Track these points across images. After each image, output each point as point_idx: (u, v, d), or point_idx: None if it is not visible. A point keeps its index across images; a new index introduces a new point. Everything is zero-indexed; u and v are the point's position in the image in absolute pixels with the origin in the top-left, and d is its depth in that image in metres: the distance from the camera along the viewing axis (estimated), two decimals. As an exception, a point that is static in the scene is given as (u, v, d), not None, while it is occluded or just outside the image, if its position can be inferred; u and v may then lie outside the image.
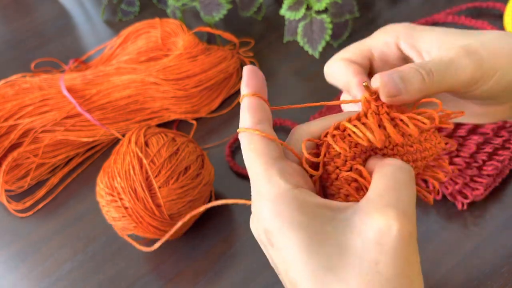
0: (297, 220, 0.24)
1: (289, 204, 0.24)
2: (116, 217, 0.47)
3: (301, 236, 0.23)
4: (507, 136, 0.52)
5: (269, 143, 0.27)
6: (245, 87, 0.29)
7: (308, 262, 0.23)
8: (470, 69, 0.29)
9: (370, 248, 0.23)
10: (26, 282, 0.52)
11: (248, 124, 0.27)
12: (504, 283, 0.45)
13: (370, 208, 0.24)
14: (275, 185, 0.25)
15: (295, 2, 0.65)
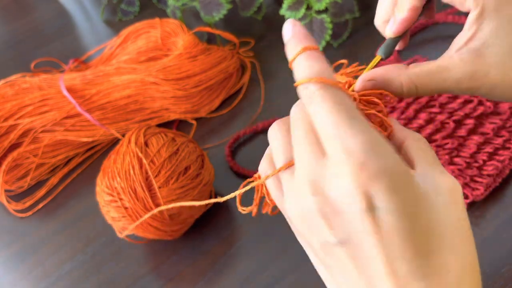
0: (408, 189, 0.22)
1: (406, 181, 0.22)
2: (116, 217, 0.47)
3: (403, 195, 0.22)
4: (508, 136, 0.52)
5: (352, 102, 0.24)
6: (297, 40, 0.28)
7: (414, 236, 0.22)
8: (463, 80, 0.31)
9: (451, 207, 0.24)
10: (26, 282, 0.52)
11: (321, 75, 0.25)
12: (504, 283, 0.45)
13: (436, 173, 0.25)
14: (389, 159, 0.22)
15: (295, 2, 0.65)
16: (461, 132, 0.53)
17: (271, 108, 0.63)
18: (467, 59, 0.31)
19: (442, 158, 0.51)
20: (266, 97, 0.65)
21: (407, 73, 0.31)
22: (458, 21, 0.67)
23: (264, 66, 0.68)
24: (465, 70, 0.30)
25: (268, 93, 0.65)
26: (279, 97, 0.65)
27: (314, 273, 0.27)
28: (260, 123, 0.61)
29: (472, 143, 0.52)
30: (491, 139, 0.52)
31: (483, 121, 0.54)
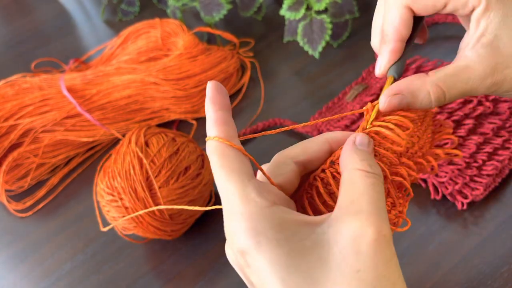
0: (275, 237, 0.23)
1: (267, 221, 0.23)
2: (116, 217, 0.47)
3: (280, 253, 0.23)
4: (507, 136, 0.52)
5: (243, 158, 0.26)
6: (212, 103, 0.30)
7: (289, 279, 0.22)
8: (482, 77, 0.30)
9: (350, 257, 0.23)
10: (26, 282, 0.52)
11: (217, 134, 0.27)
12: (504, 283, 0.45)
13: (343, 216, 0.24)
14: (251, 203, 0.24)
15: (295, 2, 0.65)
16: (461, 132, 0.53)
17: (271, 108, 0.63)
18: (484, 54, 0.30)
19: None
20: (266, 97, 0.65)
21: (431, 80, 0.30)
22: (458, 21, 0.67)
23: (264, 66, 0.68)
24: (486, 65, 0.30)
25: (268, 93, 0.65)
26: (279, 97, 0.65)
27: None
28: (260, 123, 0.61)
29: (472, 143, 0.52)
30: (491, 139, 0.52)
31: (483, 121, 0.54)
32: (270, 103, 0.64)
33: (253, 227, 0.23)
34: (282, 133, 0.61)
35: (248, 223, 0.23)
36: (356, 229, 0.23)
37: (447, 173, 0.50)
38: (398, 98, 0.29)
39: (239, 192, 0.24)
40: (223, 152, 0.26)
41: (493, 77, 0.30)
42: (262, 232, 0.23)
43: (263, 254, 0.23)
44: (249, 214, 0.24)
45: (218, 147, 0.26)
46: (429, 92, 0.29)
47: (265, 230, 0.23)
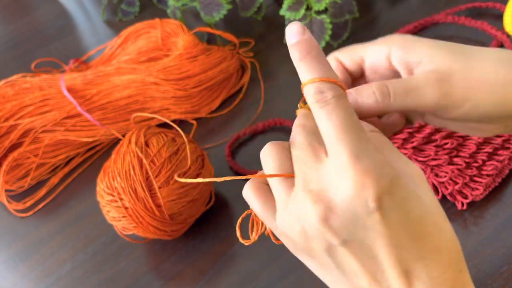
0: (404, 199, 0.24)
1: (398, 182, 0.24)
2: (116, 217, 0.47)
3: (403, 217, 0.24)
4: (507, 136, 0.52)
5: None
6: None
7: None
8: (435, 97, 0.30)
9: (427, 193, 0.26)
10: (26, 282, 0.52)
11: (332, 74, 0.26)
12: (504, 283, 0.45)
13: (405, 166, 0.26)
14: (387, 165, 0.24)
15: (295, 2, 0.65)
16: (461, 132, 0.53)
17: (271, 108, 0.64)
18: (421, 70, 0.31)
19: (442, 158, 0.51)
20: (266, 97, 0.65)
21: (377, 82, 0.31)
22: (458, 21, 0.67)
23: (264, 66, 0.68)
24: (426, 75, 0.30)
25: (268, 93, 0.65)
26: (279, 97, 0.65)
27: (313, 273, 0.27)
28: (260, 123, 0.61)
29: (472, 143, 0.52)
30: (491, 139, 0.52)
31: (483, 121, 0.54)
32: (270, 103, 0.64)
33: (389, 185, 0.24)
34: (282, 132, 0.61)
35: (389, 184, 0.24)
36: (418, 169, 0.26)
37: (447, 173, 0.50)
38: (348, 90, 0.31)
39: (377, 153, 0.25)
40: (349, 108, 0.26)
41: (438, 83, 0.30)
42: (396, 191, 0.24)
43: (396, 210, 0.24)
44: (389, 177, 0.24)
45: (344, 101, 0.25)
46: (373, 88, 0.30)
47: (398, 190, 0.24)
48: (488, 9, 0.69)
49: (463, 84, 0.30)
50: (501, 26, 0.64)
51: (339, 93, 0.25)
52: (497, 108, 0.30)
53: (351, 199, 0.23)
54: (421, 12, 0.71)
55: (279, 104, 0.64)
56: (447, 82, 0.30)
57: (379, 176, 0.23)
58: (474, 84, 0.30)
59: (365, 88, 0.30)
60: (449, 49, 0.30)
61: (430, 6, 0.71)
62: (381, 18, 0.72)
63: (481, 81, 0.30)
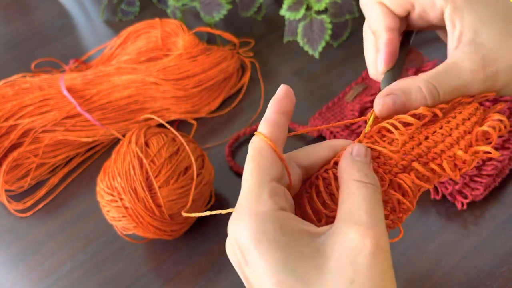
0: (276, 240, 0.24)
1: (271, 223, 0.24)
2: (116, 217, 0.47)
3: (278, 255, 0.23)
4: (507, 136, 0.52)
5: (275, 161, 0.27)
6: (275, 103, 0.30)
7: (284, 281, 0.23)
8: (480, 90, 0.30)
9: (345, 268, 0.23)
10: (26, 282, 0.52)
11: (265, 132, 0.28)
12: (504, 283, 0.45)
13: (342, 227, 0.24)
14: (261, 203, 0.25)
15: (295, 2, 0.65)
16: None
17: (271, 108, 0.63)
18: (469, 51, 0.30)
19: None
20: (266, 97, 0.65)
21: (422, 77, 0.30)
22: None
23: (264, 66, 0.68)
24: (473, 60, 0.30)
25: (268, 93, 0.65)
26: (279, 97, 0.65)
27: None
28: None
29: (472, 143, 0.52)
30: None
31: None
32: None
33: (257, 226, 0.24)
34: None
35: (254, 222, 0.24)
36: (353, 240, 0.24)
37: (447, 173, 0.50)
38: (391, 97, 0.29)
39: (255, 189, 0.26)
40: (260, 149, 0.27)
41: (484, 71, 0.30)
42: (264, 232, 0.24)
43: (262, 254, 0.24)
44: (257, 213, 0.25)
45: (258, 143, 0.27)
46: (421, 87, 0.29)
47: (268, 231, 0.24)
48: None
49: (506, 71, 0.30)
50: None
51: (258, 149, 0.27)
52: None
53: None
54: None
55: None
56: (491, 77, 0.30)
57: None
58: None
59: (412, 89, 0.29)
60: (498, 32, 0.30)
61: (430, 6, 0.71)
62: (381, 18, 0.72)
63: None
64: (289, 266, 0.23)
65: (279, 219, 0.25)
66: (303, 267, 0.23)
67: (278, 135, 0.28)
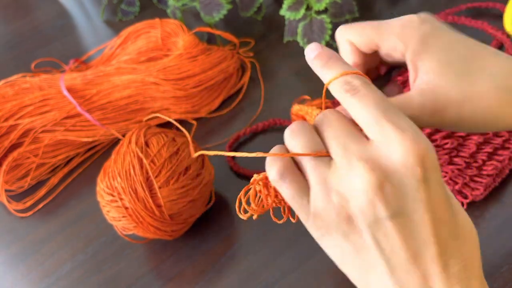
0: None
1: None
2: (116, 217, 0.47)
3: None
4: (507, 136, 0.52)
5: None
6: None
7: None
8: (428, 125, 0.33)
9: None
10: (26, 282, 0.52)
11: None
12: (504, 283, 0.45)
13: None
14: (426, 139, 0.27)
15: (295, 2, 0.65)
16: (461, 132, 0.53)
17: (271, 108, 0.64)
18: (422, 87, 0.32)
19: (442, 158, 0.51)
20: (266, 97, 0.65)
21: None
22: (458, 21, 0.67)
23: (264, 66, 0.68)
24: (424, 94, 0.32)
25: (268, 93, 0.65)
26: (279, 97, 0.65)
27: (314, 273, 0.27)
28: (260, 123, 0.61)
29: (472, 143, 0.52)
30: (491, 139, 0.52)
31: (483, 121, 0.54)
32: (270, 103, 0.64)
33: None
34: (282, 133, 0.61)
35: (433, 156, 0.25)
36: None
37: (447, 173, 0.50)
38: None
39: (417, 128, 0.26)
40: (378, 91, 0.27)
41: (433, 106, 0.32)
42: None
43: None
44: (432, 149, 0.25)
45: (372, 85, 0.28)
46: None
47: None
48: (488, 9, 0.69)
49: (456, 110, 0.32)
50: (501, 26, 0.64)
51: (365, 81, 0.27)
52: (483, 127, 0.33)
53: (403, 167, 0.24)
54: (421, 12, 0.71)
55: (279, 104, 0.64)
56: (439, 112, 0.32)
57: (425, 146, 0.24)
58: (467, 115, 0.32)
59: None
60: (454, 74, 0.32)
61: (430, 6, 0.71)
62: (381, 18, 0.72)
63: (474, 111, 0.32)
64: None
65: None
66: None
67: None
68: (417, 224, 0.24)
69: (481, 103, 0.31)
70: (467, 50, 0.33)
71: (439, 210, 0.24)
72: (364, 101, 0.26)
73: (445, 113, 0.32)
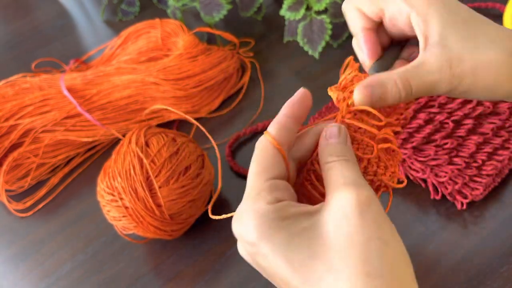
0: (278, 226, 0.27)
1: (272, 213, 0.27)
2: (116, 216, 0.47)
3: (283, 236, 0.27)
4: (507, 136, 0.52)
5: (278, 161, 0.30)
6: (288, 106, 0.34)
7: (292, 256, 0.26)
8: (448, 89, 0.32)
9: (341, 224, 0.26)
10: (26, 282, 0.52)
11: (273, 133, 0.31)
12: (504, 283, 0.45)
13: (329, 198, 0.28)
14: (260, 199, 0.28)
15: (295, 3, 0.65)
16: (460, 132, 0.53)
17: (271, 108, 0.64)
18: (436, 51, 0.32)
19: (442, 158, 0.51)
20: (266, 97, 0.65)
21: (396, 72, 0.32)
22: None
23: (264, 66, 0.68)
24: (440, 59, 0.32)
25: (268, 93, 0.65)
26: (279, 97, 0.65)
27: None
28: (260, 123, 0.61)
29: (471, 143, 0.52)
30: (490, 139, 0.53)
31: (482, 121, 0.54)
32: (270, 103, 0.64)
33: (260, 222, 0.27)
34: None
35: (255, 218, 0.27)
36: (340, 201, 0.27)
37: (446, 173, 0.50)
38: (370, 89, 0.31)
39: (255, 187, 0.29)
40: (264, 149, 0.30)
41: (450, 71, 0.32)
42: (266, 223, 0.27)
43: (269, 241, 0.27)
44: (256, 210, 0.28)
45: (263, 143, 0.30)
46: (396, 81, 0.31)
47: (270, 222, 0.27)
48: (488, 9, 0.69)
49: (472, 72, 0.32)
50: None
51: (263, 148, 0.31)
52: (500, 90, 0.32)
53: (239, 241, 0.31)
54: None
55: (279, 104, 0.63)
56: (458, 76, 0.32)
57: (241, 228, 0.29)
58: (481, 71, 0.32)
59: (389, 83, 0.32)
60: (461, 36, 0.32)
61: (430, 6, 0.71)
62: (381, 18, 0.72)
63: (487, 67, 0.32)
64: (293, 242, 0.26)
65: (277, 209, 0.27)
66: (306, 240, 0.26)
67: (284, 137, 0.31)
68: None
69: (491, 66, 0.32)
70: (469, 14, 0.33)
71: (276, 275, 0.27)
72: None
73: (463, 75, 0.32)
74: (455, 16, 0.33)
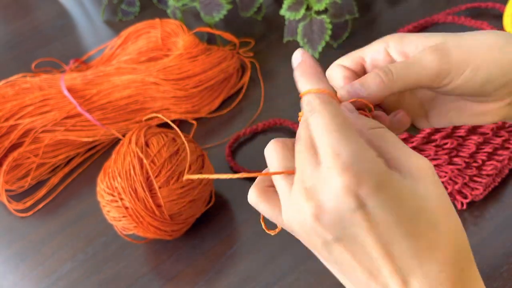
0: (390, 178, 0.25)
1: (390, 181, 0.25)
2: (116, 217, 0.47)
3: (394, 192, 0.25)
4: (507, 136, 0.52)
5: (345, 115, 0.27)
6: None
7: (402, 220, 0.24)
8: (435, 64, 0.31)
9: (430, 188, 0.25)
10: (26, 282, 0.52)
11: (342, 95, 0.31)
12: (503, 283, 0.45)
13: (406, 161, 0.26)
14: (372, 161, 0.25)
15: (295, 3, 0.65)
16: (460, 132, 0.53)
17: (271, 108, 0.64)
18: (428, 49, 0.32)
19: (442, 158, 0.51)
20: (266, 97, 0.65)
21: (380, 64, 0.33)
22: (457, 22, 0.67)
23: (264, 66, 0.68)
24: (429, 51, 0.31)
25: (268, 93, 0.65)
26: (279, 97, 0.65)
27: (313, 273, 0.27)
28: (260, 123, 0.61)
29: (472, 143, 0.52)
30: (490, 139, 0.53)
31: (483, 121, 0.54)
32: (270, 103, 0.64)
33: (383, 182, 0.25)
34: (282, 132, 0.61)
35: (373, 180, 0.24)
36: (422, 164, 0.26)
37: (446, 173, 0.50)
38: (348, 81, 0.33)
39: (361, 150, 0.25)
40: (332, 109, 0.27)
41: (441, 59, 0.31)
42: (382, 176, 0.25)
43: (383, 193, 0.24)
44: (374, 172, 0.25)
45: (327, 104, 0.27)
46: (376, 71, 0.31)
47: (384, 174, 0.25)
48: (488, 9, 0.69)
49: (459, 50, 0.31)
50: (501, 26, 0.64)
51: (324, 100, 0.27)
52: (497, 70, 0.31)
53: (335, 198, 0.24)
54: (421, 12, 0.71)
55: (279, 104, 0.64)
56: (443, 50, 0.31)
57: (362, 174, 0.24)
58: (470, 49, 0.31)
59: (369, 74, 0.32)
60: (441, 35, 0.32)
61: (430, 6, 0.71)
62: (381, 18, 0.72)
63: (476, 46, 0.31)
64: (401, 208, 0.24)
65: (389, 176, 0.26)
66: (408, 206, 0.25)
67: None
68: (364, 245, 0.24)
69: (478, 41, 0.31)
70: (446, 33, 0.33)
71: (385, 231, 0.24)
72: (315, 121, 0.26)
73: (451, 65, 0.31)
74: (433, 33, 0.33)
